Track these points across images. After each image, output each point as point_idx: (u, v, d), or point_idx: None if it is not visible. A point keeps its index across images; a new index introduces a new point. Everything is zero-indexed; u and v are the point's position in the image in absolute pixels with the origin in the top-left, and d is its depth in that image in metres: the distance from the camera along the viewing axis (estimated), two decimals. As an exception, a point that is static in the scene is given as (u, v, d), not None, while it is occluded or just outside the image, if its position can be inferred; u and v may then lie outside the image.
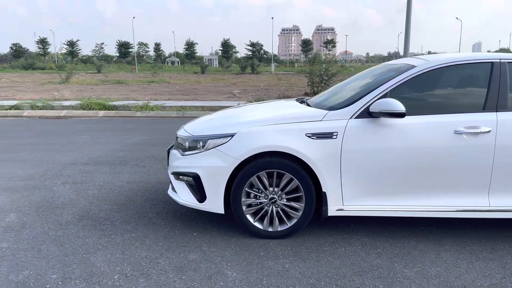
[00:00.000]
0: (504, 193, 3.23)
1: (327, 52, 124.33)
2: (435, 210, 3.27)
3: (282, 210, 3.33)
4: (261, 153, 3.22)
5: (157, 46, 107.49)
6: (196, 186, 3.37)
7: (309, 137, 3.22)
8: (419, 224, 3.63)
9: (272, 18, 70.80)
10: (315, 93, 15.44)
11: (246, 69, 48.17)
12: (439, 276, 2.78)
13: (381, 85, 3.34)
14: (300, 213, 3.31)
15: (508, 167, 3.17)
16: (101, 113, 11.35)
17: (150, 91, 18.52)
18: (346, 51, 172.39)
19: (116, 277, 2.75)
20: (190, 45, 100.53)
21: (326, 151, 3.21)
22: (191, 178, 3.39)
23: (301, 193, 3.27)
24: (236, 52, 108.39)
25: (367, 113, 3.24)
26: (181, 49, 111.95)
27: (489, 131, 3.14)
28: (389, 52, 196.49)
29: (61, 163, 5.75)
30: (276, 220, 3.33)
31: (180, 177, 3.50)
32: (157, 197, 4.34)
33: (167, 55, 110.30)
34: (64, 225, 3.58)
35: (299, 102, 4.13)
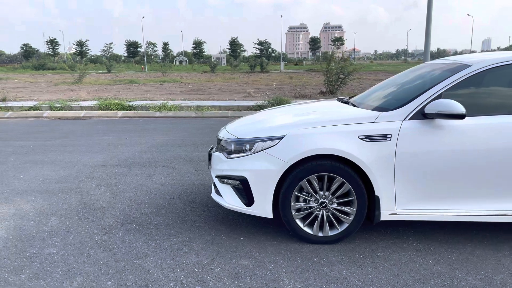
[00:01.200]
0: None
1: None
2: (492, 215, 3.15)
3: (333, 214, 3.24)
4: (311, 156, 3.13)
5: (165, 46, 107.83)
6: (244, 189, 3.28)
7: (362, 139, 3.12)
8: (471, 229, 3.52)
9: (281, 16, 70.51)
10: (331, 92, 15.30)
11: (255, 68, 48.08)
12: (505, 284, 2.68)
13: (435, 85, 3.23)
14: (351, 218, 3.21)
15: None
16: (120, 113, 11.33)
17: (164, 91, 18.50)
18: (354, 49, 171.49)
19: (172, 284, 2.68)
20: (198, 44, 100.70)
21: (379, 154, 3.11)
22: (238, 182, 3.31)
23: (353, 197, 3.17)
24: (243, 51, 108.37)
25: (421, 114, 3.13)
26: (189, 48, 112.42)
27: (551, 133, 3.02)
28: (397, 49, 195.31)
29: (91, 165, 5.71)
30: (327, 225, 3.24)
31: (226, 180, 3.42)
32: (195, 200, 4.27)
33: (175, 54, 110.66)
34: (108, 229, 3.53)
35: (342, 102, 4.03)
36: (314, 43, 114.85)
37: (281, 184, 3.20)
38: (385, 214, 3.20)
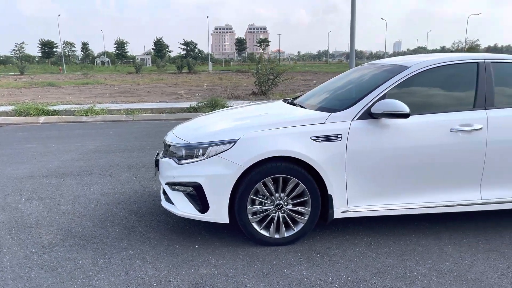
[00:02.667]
0: (494, 186, 3.42)
1: (261, 51, 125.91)
2: (434, 206, 3.37)
3: (288, 215, 3.26)
4: (266, 158, 3.12)
5: (85, 46, 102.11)
6: (197, 196, 3.18)
7: (314, 140, 3.17)
8: (413, 220, 3.74)
9: (208, 16, 70.13)
10: (263, 93, 15.50)
11: (182, 69, 47.29)
12: (451, 271, 2.87)
13: (378, 86, 3.38)
14: (306, 218, 3.25)
15: (497, 161, 3.36)
16: (42, 118, 10.47)
17: (89, 94, 17.48)
18: (279, 50, 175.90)
19: (129, 302, 2.50)
20: (120, 44, 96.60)
21: (331, 154, 3.18)
22: (191, 188, 3.19)
23: (307, 197, 3.21)
24: (169, 51, 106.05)
25: (368, 114, 3.26)
26: (111, 49, 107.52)
27: (480, 128, 3.31)
28: (319, 50, 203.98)
29: (16, 177, 5.18)
30: (283, 226, 3.25)
31: (177, 187, 3.28)
32: (141, 209, 4.06)
33: (95, 54, 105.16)
34: (48, 247, 3.21)
35: (289, 103, 4.07)
36: (240, 44, 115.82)
37: (237, 188, 3.15)
38: (338, 212, 3.29)
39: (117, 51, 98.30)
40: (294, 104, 4.01)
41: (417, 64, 3.48)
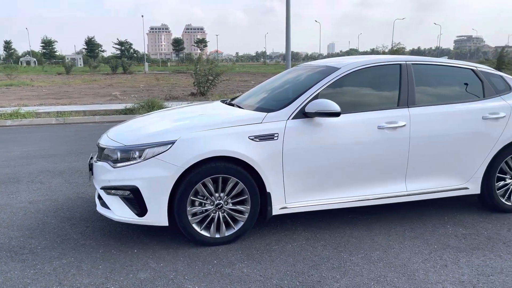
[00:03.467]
0: (416, 179, 3.70)
1: (199, 51, 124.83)
2: (365, 199, 3.58)
3: (229, 214, 3.29)
4: (205, 159, 3.13)
5: (8, 44, 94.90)
6: (135, 199, 3.11)
7: (252, 139, 3.23)
8: (347, 213, 3.94)
9: (142, 16, 68.18)
10: (202, 93, 15.41)
11: (117, 69, 45.58)
12: (381, 259, 3.07)
13: (311, 87, 3.53)
14: (246, 216, 3.31)
15: (420, 155, 3.64)
16: (-41, 123, 9.59)
17: (13, 96, 16.29)
18: (217, 51, 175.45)
19: (64, 313, 2.39)
20: (47, 43, 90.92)
21: (269, 153, 3.26)
22: (128, 192, 3.12)
23: (247, 196, 3.27)
24: (102, 51, 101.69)
25: (302, 114, 3.38)
26: (37, 48, 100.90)
27: (404, 125, 3.57)
28: (257, 51, 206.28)
29: None
30: (223, 226, 3.28)
31: (113, 191, 3.19)
32: (75, 216, 3.88)
33: (20, 54, 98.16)
34: (-31, 261, 2.97)
35: (227, 104, 4.11)
36: (177, 44, 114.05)
37: (176, 190, 3.12)
38: (276, 208, 3.38)
39: (44, 50, 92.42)
40: (232, 105, 4.06)
41: (346, 65, 3.68)
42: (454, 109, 3.75)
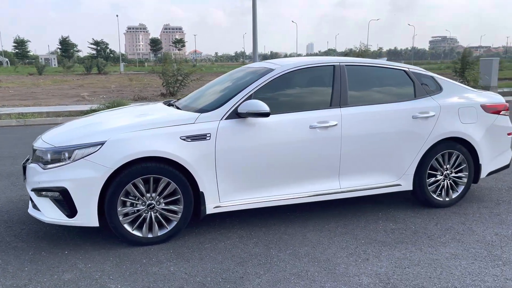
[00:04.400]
0: (349, 176, 3.83)
1: (177, 52, 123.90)
2: (300, 197, 3.68)
3: (161, 214, 3.33)
4: (135, 159, 3.16)
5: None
6: (65, 200, 3.12)
7: (184, 139, 3.29)
8: (285, 211, 4.03)
9: (117, 15, 67.31)
10: (172, 94, 15.36)
11: (91, 69, 44.88)
12: (308, 255, 3.17)
13: (245, 87, 3.61)
14: (179, 216, 3.36)
15: (351, 153, 3.76)
16: None
17: (-23, 97, 15.87)
18: (195, 51, 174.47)
19: (-23, 315, 2.40)
20: (20, 43, 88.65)
21: (201, 153, 3.32)
22: (57, 193, 3.13)
23: (179, 196, 3.32)
24: (78, 51, 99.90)
25: (235, 114, 3.46)
26: (9, 48, 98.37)
27: (336, 125, 3.68)
28: (236, 51, 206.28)
29: None
30: (156, 226, 3.32)
31: (44, 193, 3.19)
32: (12, 218, 3.86)
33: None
34: None
35: (167, 105, 4.15)
36: (154, 44, 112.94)
37: (106, 191, 3.15)
38: (210, 208, 3.44)
39: (16, 50, 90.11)
40: (173, 106, 4.10)
41: (281, 67, 3.77)
42: (385, 109, 3.89)
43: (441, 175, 4.11)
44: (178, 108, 3.93)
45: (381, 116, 3.85)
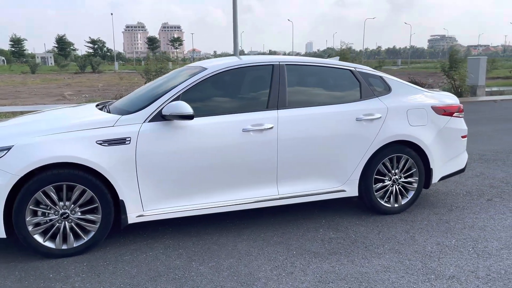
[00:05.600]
0: (288, 182, 3.61)
1: (175, 50, 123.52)
2: (233, 204, 3.47)
3: (77, 224, 3.12)
4: (45, 165, 2.95)
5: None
6: (-32, 209, 2.91)
7: (100, 144, 3.08)
8: (224, 219, 3.82)
9: (112, 14, 67.00)
10: (153, 93, 15.12)
11: (85, 68, 44.68)
12: (230, 267, 2.96)
13: (174, 88, 3.39)
14: (97, 225, 3.14)
15: (289, 158, 3.55)
16: None
17: (-43, 96, 15.66)
18: (194, 49, 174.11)
19: None
20: (16, 42, 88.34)
21: (120, 158, 3.11)
22: (-42, 202, 2.91)
23: (97, 204, 3.11)
24: (74, 50, 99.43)
25: (161, 116, 3.24)
26: (6, 46, 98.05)
27: (271, 128, 3.47)
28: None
29: None
30: (71, 236, 3.11)
31: None
32: None
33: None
34: None
35: (102, 106, 3.92)
36: (152, 42, 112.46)
37: (14, 199, 2.94)
38: (133, 217, 3.23)
39: (13, 49, 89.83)
40: (106, 106, 3.88)
41: (214, 66, 3.56)
42: (326, 111, 3.68)
43: (389, 180, 3.90)
44: (108, 110, 3.70)
45: (322, 118, 3.64)
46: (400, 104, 3.90)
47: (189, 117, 3.18)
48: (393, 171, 3.89)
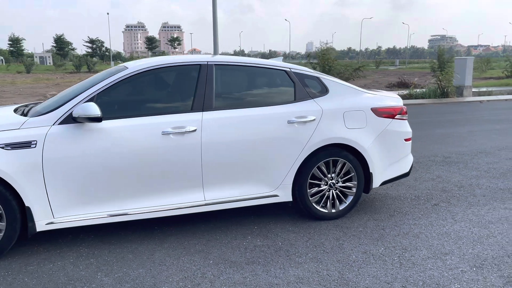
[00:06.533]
0: (215, 187, 3.45)
1: (174, 50, 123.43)
2: (155, 211, 3.31)
3: (-20, 232, 2.97)
4: None
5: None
6: None
7: (3, 148, 2.92)
8: (152, 225, 3.66)
9: (108, 13, 66.94)
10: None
11: (81, 68, 44.57)
12: (136, 278, 2.80)
13: (89, 88, 3.24)
14: (2, 234, 2.99)
15: (215, 162, 3.39)
16: None
17: None
18: (194, 49, 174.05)
19: None
20: (15, 41, 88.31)
21: (24, 162, 2.96)
22: None
23: (1, 211, 2.96)
24: (73, 49, 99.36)
25: (72, 119, 3.09)
26: (5, 46, 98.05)
27: (194, 130, 3.31)
28: (235, 50, 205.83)
29: None
30: (-27, 245, 2.96)
31: None
32: None
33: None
34: None
35: (24, 108, 3.76)
36: (150, 42, 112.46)
37: None
38: (42, 224, 3.08)
39: (11, 48, 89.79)
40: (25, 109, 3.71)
41: (135, 65, 3.40)
42: (256, 113, 3.52)
43: (326, 185, 3.74)
44: (24, 113, 3.50)
45: (251, 121, 3.48)
46: (337, 106, 3.73)
47: (97, 120, 3.03)
48: (329, 176, 3.73)
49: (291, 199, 3.68)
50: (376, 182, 3.87)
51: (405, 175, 4.09)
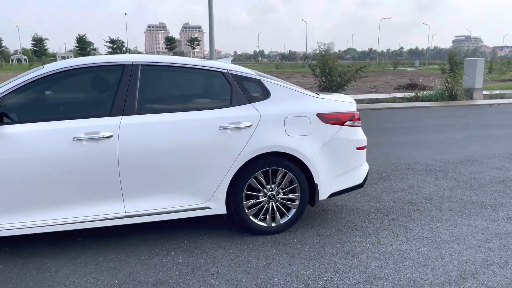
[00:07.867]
0: (137, 198, 3.18)
1: (193, 51, 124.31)
2: (68, 223, 3.06)
3: None
4: None
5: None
6: None
7: None
8: (75, 237, 3.42)
9: (126, 14, 67.92)
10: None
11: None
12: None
13: (-5, 90, 3.01)
14: None
15: (135, 171, 3.11)
16: None
17: None
18: (215, 50, 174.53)
19: None
20: (38, 41, 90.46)
21: None
22: None
23: None
24: (94, 49, 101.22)
25: (-26, 122, 2.87)
26: (29, 45, 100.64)
27: (110, 136, 3.04)
28: (255, 50, 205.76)
29: None
30: None
31: None
32: None
33: (11, 52, 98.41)
34: None
35: None
36: (170, 42, 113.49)
37: None
38: None
39: (35, 48, 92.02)
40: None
41: (51, 65, 3.16)
42: (184, 118, 3.22)
43: (265, 197, 3.42)
44: None
45: (176, 126, 3.19)
46: (278, 111, 3.40)
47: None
48: (268, 187, 3.41)
49: (225, 212, 3.37)
50: (323, 194, 3.53)
51: (359, 186, 3.72)
